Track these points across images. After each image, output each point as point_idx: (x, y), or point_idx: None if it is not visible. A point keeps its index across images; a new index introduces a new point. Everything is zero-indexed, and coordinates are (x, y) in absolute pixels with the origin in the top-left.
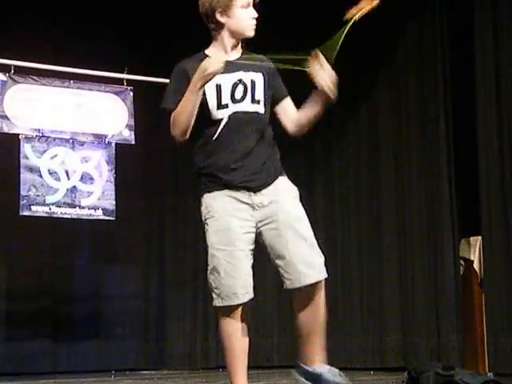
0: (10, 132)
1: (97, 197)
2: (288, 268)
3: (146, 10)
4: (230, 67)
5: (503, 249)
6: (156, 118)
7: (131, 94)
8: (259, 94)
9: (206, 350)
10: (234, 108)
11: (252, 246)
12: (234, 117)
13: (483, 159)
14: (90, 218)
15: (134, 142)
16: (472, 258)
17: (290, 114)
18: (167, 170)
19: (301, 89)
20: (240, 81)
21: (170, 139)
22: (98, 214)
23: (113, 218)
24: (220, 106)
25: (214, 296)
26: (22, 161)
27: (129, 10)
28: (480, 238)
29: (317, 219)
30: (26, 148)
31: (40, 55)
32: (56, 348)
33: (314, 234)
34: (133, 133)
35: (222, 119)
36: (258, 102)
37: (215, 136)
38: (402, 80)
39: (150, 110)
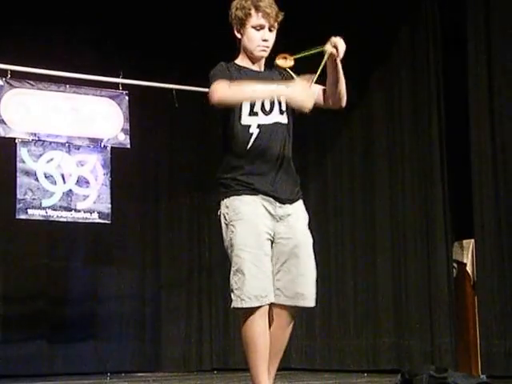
0: (7, 136)
1: (92, 200)
2: (289, 285)
3: (140, 14)
4: (259, 78)
5: (496, 251)
6: (151, 122)
7: (126, 98)
8: (284, 105)
9: (200, 353)
10: (263, 118)
11: (271, 253)
12: (265, 127)
13: (476, 163)
14: (86, 221)
15: (129, 146)
16: (465, 261)
17: (324, 92)
18: (162, 174)
19: None
20: None
21: (209, 103)
22: (94, 218)
23: (108, 222)
24: (251, 113)
25: (234, 297)
26: (19, 165)
27: (124, 15)
28: (473, 240)
29: (310, 223)
30: (22, 152)
31: (36, 60)
32: (52, 350)
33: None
34: (128, 137)
35: (250, 126)
36: (283, 113)
37: (249, 145)
38: (396, 85)
39: (145, 114)
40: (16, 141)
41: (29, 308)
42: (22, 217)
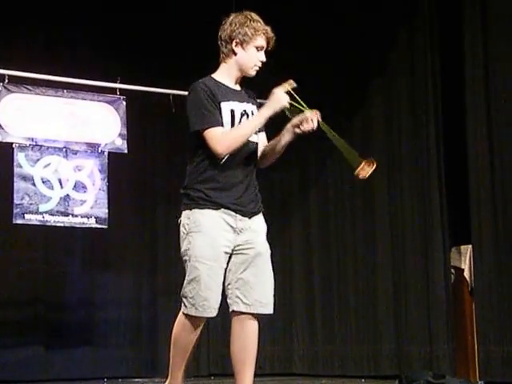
0: (4, 141)
1: (90, 205)
2: (248, 293)
3: (138, 20)
4: (237, 97)
5: (493, 257)
6: (148, 127)
7: (124, 103)
8: None
9: (197, 358)
10: None
11: (226, 266)
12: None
13: (473, 168)
14: (83, 226)
15: (126, 151)
16: (462, 267)
17: (260, 146)
18: (159, 179)
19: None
20: (245, 111)
21: (215, 155)
22: (91, 223)
23: (105, 227)
24: None
25: (188, 305)
26: (16, 169)
27: (122, 20)
28: (470, 246)
29: (311, 231)
30: (19, 157)
31: (34, 65)
32: (48, 355)
33: (310, 245)
34: (125, 142)
35: None
36: (256, 133)
37: (222, 161)
38: (394, 91)
39: (142, 120)
40: (13, 145)
41: (25, 313)
42: (19, 222)
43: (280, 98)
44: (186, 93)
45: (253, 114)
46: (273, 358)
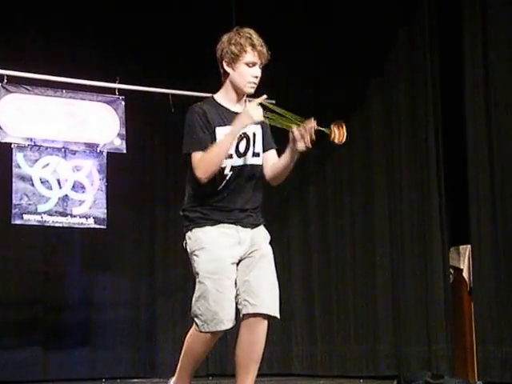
0: (3, 141)
1: (88, 205)
2: (253, 294)
3: (137, 20)
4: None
5: (492, 257)
6: (147, 127)
7: (123, 103)
8: (258, 147)
9: None
10: (237, 161)
11: (236, 276)
12: (237, 169)
13: (472, 169)
14: (82, 226)
15: (125, 151)
16: (461, 267)
17: (271, 164)
18: (158, 179)
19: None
20: (244, 134)
21: (197, 179)
22: (90, 223)
23: (104, 227)
24: (227, 156)
25: (199, 322)
26: (14, 170)
27: (120, 21)
28: (469, 246)
29: (310, 231)
30: (18, 157)
31: (33, 65)
32: (47, 356)
33: (309, 245)
34: (124, 142)
35: (225, 168)
36: (258, 155)
37: (220, 187)
38: (393, 93)
39: (141, 120)
40: (12, 146)
41: (24, 314)
42: (18, 222)
43: (250, 112)
44: (186, 92)
45: (254, 135)
46: (271, 359)
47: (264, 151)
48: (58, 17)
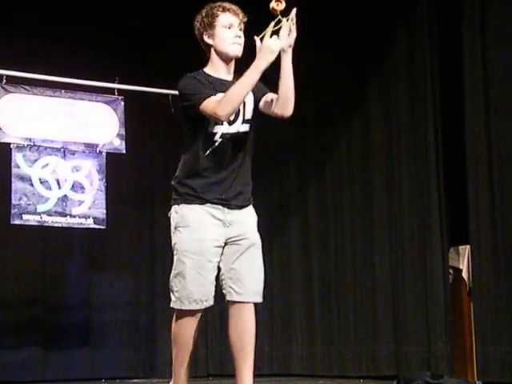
0: (2, 141)
1: (88, 206)
2: (240, 283)
3: (137, 20)
4: (225, 87)
5: (491, 257)
6: (147, 127)
7: (122, 103)
8: (249, 114)
9: (195, 359)
10: (227, 128)
11: (219, 259)
12: (226, 137)
13: (472, 169)
14: (81, 226)
15: (124, 152)
16: (461, 267)
17: (275, 98)
18: (157, 179)
19: None
20: None
21: (214, 118)
22: (89, 223)
23: (103, 227)
24: (217, 122)
25: (174, 298)
26: (14, 170)
27: (120, 21)
28: (469, 246)
29: (310, 231)
30: (17, 157)
31: (32, 65)
32: (46, 356)
33: (309, 245)
34: (123, 142)
35: (215, 134)
36: (248, 122)
37: (207, 153)
38: (393, 93)
39: (140, 120)
40: (11, 146)
41: (23, 314)
42: (17, 222)
43: (272, 47)
44: None
45: (244, 102)
46: (271, 359)
47: (261, 97)
48: (58, 17)
